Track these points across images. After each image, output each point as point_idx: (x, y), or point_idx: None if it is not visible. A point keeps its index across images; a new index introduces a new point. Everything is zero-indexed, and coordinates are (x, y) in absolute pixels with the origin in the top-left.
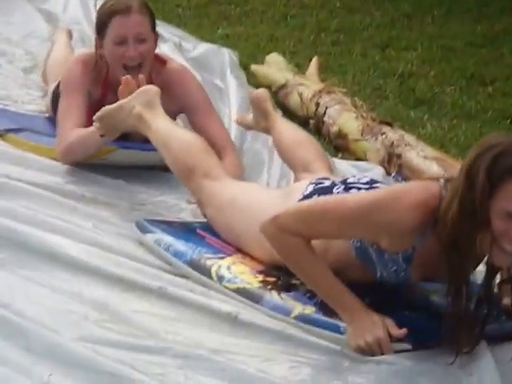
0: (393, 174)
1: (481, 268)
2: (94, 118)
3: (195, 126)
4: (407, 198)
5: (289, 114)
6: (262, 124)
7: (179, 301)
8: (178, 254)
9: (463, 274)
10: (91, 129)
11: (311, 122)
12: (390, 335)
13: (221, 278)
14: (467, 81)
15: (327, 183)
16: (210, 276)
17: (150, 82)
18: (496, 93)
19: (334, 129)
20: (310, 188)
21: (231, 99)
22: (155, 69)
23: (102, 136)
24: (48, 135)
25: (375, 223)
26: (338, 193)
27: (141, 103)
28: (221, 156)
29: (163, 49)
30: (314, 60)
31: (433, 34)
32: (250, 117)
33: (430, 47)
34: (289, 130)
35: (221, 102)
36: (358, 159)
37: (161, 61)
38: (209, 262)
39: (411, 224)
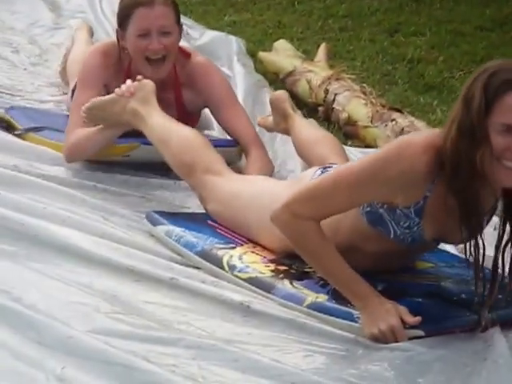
0: None
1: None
2: (83, 108)
3: (220, 121)
4: (414, 145)
5: (297, 101)
6: (281, 125)
7: (191, 291)
8: (188, 245)
9: (473, 205)
10: (96, 127)
11: (320, 110)
12: (403, 322)
13: (232, 268)
14: (477, 65)
15: (335, 167)
16: (221, 266)
17: (174, 75)
18: None
19: (344, 116)
20: (318, 173)
21: (238, 87)
22: (179, 62)
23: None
24: None
25: (386, 178)
26: None
27: (136, 98)
28: (247, 152)
29: None
30: (323, 46)
31: (441, 18)
32: (270, 119)
33: (439, 32)
34: (308, 128)
35: None
36: (367, 146)
37: (185, 54)
38: (220, 252)
39: (423, 169)
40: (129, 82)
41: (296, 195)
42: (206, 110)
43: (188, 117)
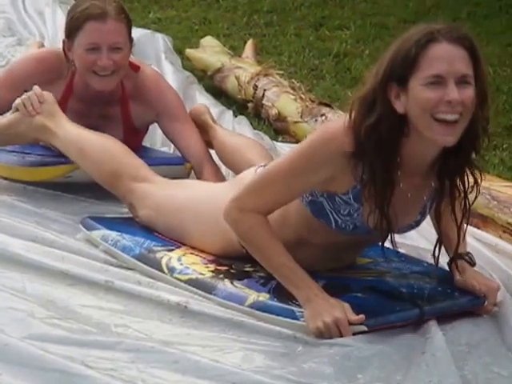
0: None
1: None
2: None
3: (171, 136)
4: (334, 128)
5: (226, 97)
6: (203, 137)
7: (127, 294)
8: (126, 249)
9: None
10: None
11: (250, 106)
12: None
13: (172, 270)
14: None
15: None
16: (160, 268)
17: (121, 88)
18: None
19: (274, 111)
20: (260, 170)
21: None
22: (127, 75)
23: None
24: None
25: (316, 164)
26: None
27: (42, 113)
28: (200, 168)
29: None
30: (250, 42)
31: (365, 11)
32: None
33: (364, 25)
34: (231, 136)
35: None
36: (298, 142)
37: (134, 66)
38: (158, 255)
39: (347, 150)
40: (24, 95)
41: (241, 190)
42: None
43: (134, 131)
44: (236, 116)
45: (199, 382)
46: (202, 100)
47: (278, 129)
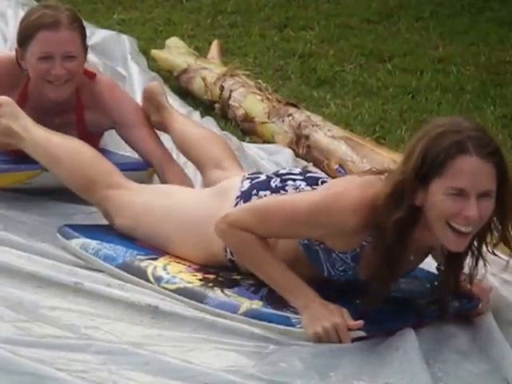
0: (336, 167)
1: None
2: None
3: (130, 142)
4: (345, 200)
5: (193, 98)
6: (153, 118)
7: (97, 295)
8: (108, 258)
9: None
10: None
11: (216, 106)
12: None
13: (158, 279)
14: (366, 58)
15: (262, 177)
16: (146, 278)
17: (75, 96)
18: (395, 69)
19: (241, 112)
20: (247, 184)
21: (134, 86)
22: (83, 82)
23: None
24: None
25: (320, 224)
26: (275, 186)
27: (6, 116)
28: (163, 171)
29: None
30: (215, 43)
31: (329, 12)
32: None
33: (328, 26)
34: (193, 127)
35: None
36: (265, 142)
37: (90, 74)
38: (143, 264)
39: (352, 225)
40: None
41: (239, 211)
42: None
43: (89, 139)
44: (203, 117)
45: (171, 383)
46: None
47: (246, 129)
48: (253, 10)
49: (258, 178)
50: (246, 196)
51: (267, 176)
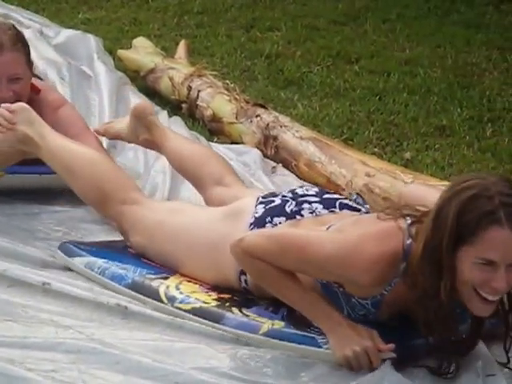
0: (354, 197)
1: None
2: None
3: None
4: (359, 257)
5: (160, 98)
6: (144, 137)
7: (67, 296)
8: (116, 278)
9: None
10: None
11: (184, 106)
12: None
13: (172, 300)
14: (333, 59)
15: (277, 201)
16: (159, 299)
17: None
18: (362, 70)
19: (208, 112)
20: (261, 209)
21: (101, 86)
22: (31, 98)
23: None
24: None
25: (334, 274)
26: (291, 210)
27: (22, 123)
28: None
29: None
30: (182, 43)
31: (295, 13)
32: (116, 125)
33: (294, 27)
34: (187, 144)
35: (89, 90)
36: (234, 142)
37: (35, 89)
38: (154, 284)
39: (365, 282)
40: (1, 110)
41: (252, 239)
42: None
43: None
44: (170, 116)
45: (142, 383)
46: (135, 100)
47: (213, 129)
48: (219, 10)
49: (273, 201)
50: (259, 223)
51: (282, 198)
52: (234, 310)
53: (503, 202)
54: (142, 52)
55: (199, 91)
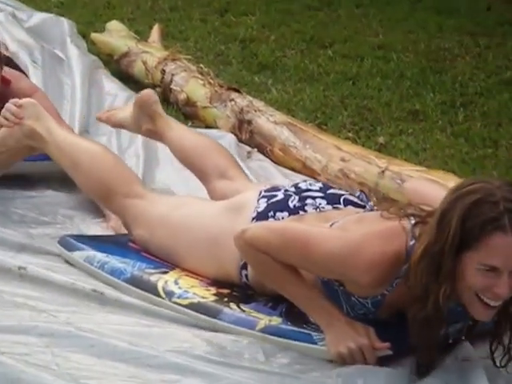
0: (357, 193)
1: None
2: None
3: None
4: (361, 257)
5: (134, 82)
6: (146, 127)
7: (42, 280)
8: (115, 272)
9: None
10: None
11: (158, 90)
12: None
13: (170, 294)
14: (307, 44)
15: (279, 195)
16: (157, 293)
17: None
18: (336, 55)
19: (182, 96)
20: (263, 203)
21: (74, 69)
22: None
23: None
24: None
25: (335, 273)
26: (294, 206)
27: (29, 117)
28: None
29: None
30: (156, 27)
31: None
32: (119, 114)
33: (268, 11)
34: (191, 135)
35: (62, 74)
36: (208, 127)
37: (5, 81)
38: (153, 278)
39: (369, 282)
40: (8, 105)
41: (255, 232)
42: None
43: None
44: None
45: (115, 366)
46: (108, 84)
47: (187, 114)
48: None
49: (275, 196)
50: (262, 218)
51: (285, 193)
52: (232, 305)
53: (508, 208)
54: (116, 36)
55: (173, 75)
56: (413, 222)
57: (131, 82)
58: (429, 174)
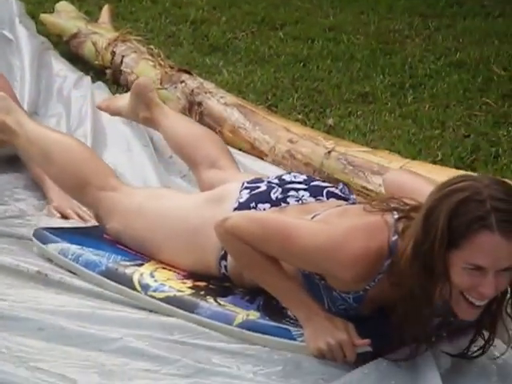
0: (340, 186)
1: None
2: None
3: None
4: (343, 252)
5: (83, 63)
6: (143, 114)
7: None
8: (90, 265)
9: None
10: None
11: (108, 72)
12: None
13: (145, 287)
14: (258, 25)
15: (262, 187)
16: (132, 286)
17: None
18: (287, 37)
19: (133, 78)
20: (246, 194)
21: (23, 50)
22: None
23: None
24: None
25: (317, 267)
26: (276, 198)
27: None
28: None
29: None
30: (106, 8)
31: None
32: (118, 102)
33: None
34: (185, 124)
35: (11, 55)
36: None
37: None
38: (128, 271)
39: (351, 277)
40: None
41: (236, 220)
42: None
43: None
44: (94, 82)
45: (65, 349)
46: (58, 65)
47: None
48: None
49: (258, 187)
50: (243, 208)
51: (268, 184)
52: (209, 299)
53: (494, 206)
54: (65, 16)
55: (123, 56)
56: (396, 216)
57: (81, 63)
58: (374, 154)
